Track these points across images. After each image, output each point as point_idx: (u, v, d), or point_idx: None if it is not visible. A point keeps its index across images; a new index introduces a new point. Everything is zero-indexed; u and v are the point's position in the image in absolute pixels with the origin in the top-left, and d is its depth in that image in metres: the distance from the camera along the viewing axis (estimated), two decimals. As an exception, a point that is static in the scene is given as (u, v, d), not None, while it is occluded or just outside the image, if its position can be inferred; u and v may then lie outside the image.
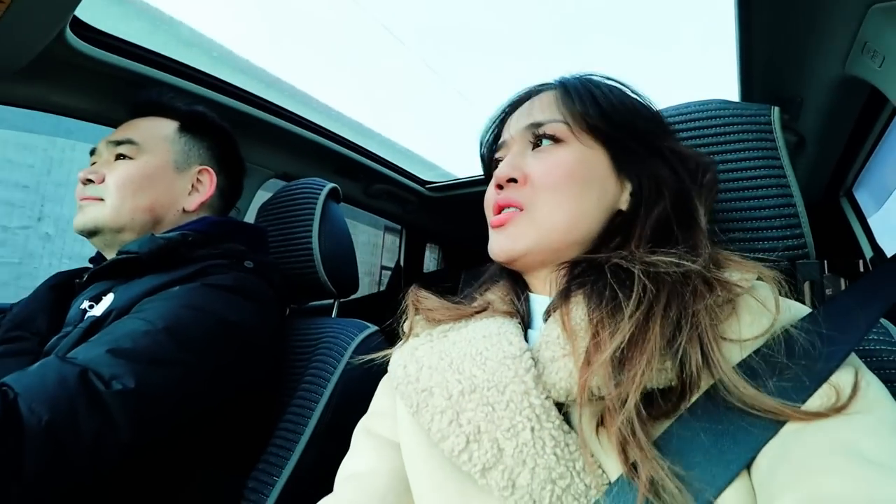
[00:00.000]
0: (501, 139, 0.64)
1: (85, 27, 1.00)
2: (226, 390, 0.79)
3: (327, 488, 0.55)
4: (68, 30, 0.94)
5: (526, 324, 0.55)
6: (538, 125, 0.59)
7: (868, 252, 1.46)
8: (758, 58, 0.98)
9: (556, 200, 0.55)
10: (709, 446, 0.39)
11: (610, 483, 0.40)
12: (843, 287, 1.04)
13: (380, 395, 0.63)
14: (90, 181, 0.91)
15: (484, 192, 0.72)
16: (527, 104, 0.62)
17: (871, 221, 1.46)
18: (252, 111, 1.32)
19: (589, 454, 0.41)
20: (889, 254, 1.38)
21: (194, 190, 0.99)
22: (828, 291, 0.69)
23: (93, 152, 0.98)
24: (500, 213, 0.58)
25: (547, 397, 0.44)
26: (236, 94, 1.29)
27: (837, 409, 0.37)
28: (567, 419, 0.44)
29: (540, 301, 0.57)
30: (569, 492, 0.41)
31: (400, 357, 0.54)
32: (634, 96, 0.60)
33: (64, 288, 0.95)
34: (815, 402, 0.38)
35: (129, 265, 0.84)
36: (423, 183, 2.11)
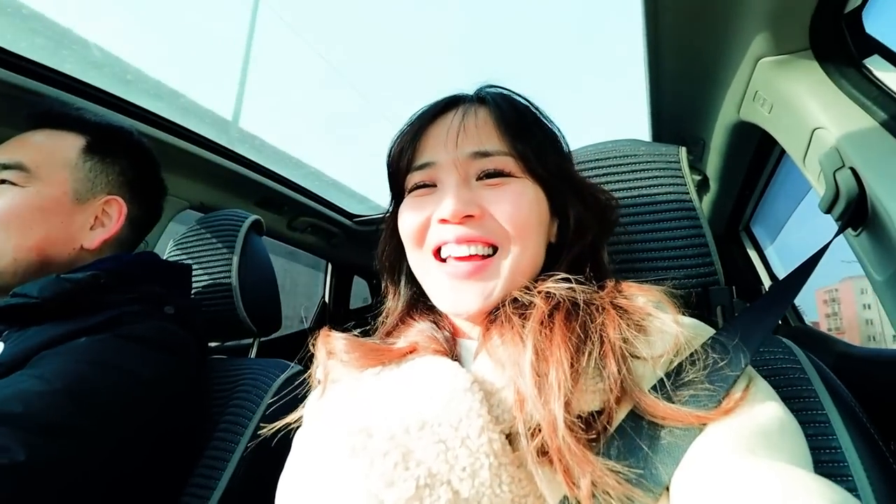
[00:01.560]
0: (428, 158, 0.57)
1: None
2: (136, 458, 0.69)
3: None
4: None
5: (459, 362, 0.52)
6: (486, 154, 0.55)
7: (767, 281, 1.60)
8: (666, 101, 1.07)
9: (525, 244, 0.53)
10: (642, 451, 0.40)
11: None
12: None
13: (306, 439, 0.54)
14: None
15: (386, 232, 0.68)
16: (456, 121, 0.57)
17: (767, 253, 1.61)
18: (166, 137, 1.23)
19: (538, 481, 0.40)
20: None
21: (98, 224, 0.83)
22: (736, 314, 0.74)
23: None
24: (441, 248, 0.54)
25: (500, 430, 0.42)
26: (148, 119, 1.19)
27: (727, 411, 0.40)
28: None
29: (467, 346, 0.56)
30: None
31: (327, 403, 0.50)
32: (545, 121, 0.61)
33: None
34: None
35: (24, 309, 0.71)
36: (350, 216, 2.07)
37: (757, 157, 1.17)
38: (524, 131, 0.57)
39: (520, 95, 0.61)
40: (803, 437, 0.40)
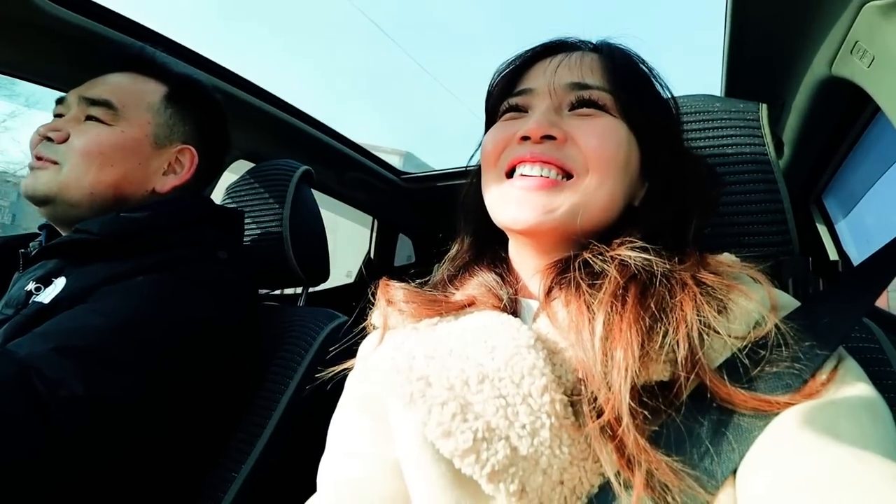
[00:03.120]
0: (527, 85, 0.56)
1: None
2: (189, 396, 0.72)
3: (291, 483, 0.51)
4: None
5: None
6: (584, 87, 0.53)
7: (834, 256, 1.49)
8: (745, 56, 0.98)
9: (603, 176, 0.50)
10: (703, 440, 0.38)
11: (609, 480, 0.38)
12: (820, 286, 1.05)
13: (362, 382, 0.55)
14: (49, 139, 0.78)
15: (461, 185, 0.68)
16: (563, 58, 0.55)
17: (837, 228, 1.50)
18: (222, 84, 1.24)
19: (599, 449, 0.39)
20: (854, 259, 1.42)
21: (170, 170, 0.87)
22: (809, 289, 0.69)
23: (60, 101, 0.83)
24: (516, 168, 0.52)
25: (563, 391, 0.41)
26: (205, 65, 1.20)
27: (811, 394, 0.37)
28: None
29: (527, 304, 0.54)
30: (574, 493, 0.39)
31: (384, 351, 0.49)
32: (662, 89, 0.58)
33: (7, 255, 0.83)
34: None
35: (85, 245, 0.73)
36: (398, 173, 2.06)
37: (843, 119, 1.07)
38: (631, 79, 0.54)
39: (642, 60, 0.57)
40: (895, 427, 0.37)
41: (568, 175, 0.51)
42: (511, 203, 0.51)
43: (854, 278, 0.51)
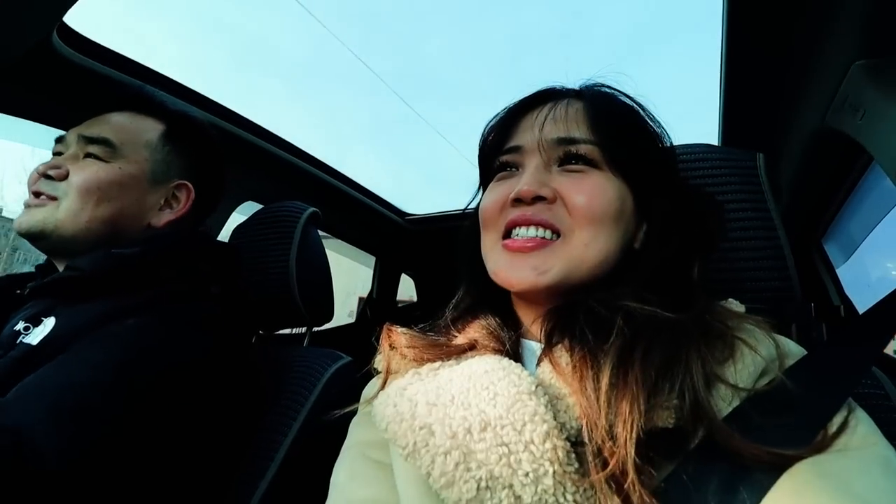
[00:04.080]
0: (516, 142, 0.58)
1: (73, 35, 0.94)
2: (185, 440, 0.71)
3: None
4: (55, 35, 0.89)
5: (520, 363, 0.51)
6: (571, 141, 0.54)
7: (836, 301, 1.49)
8: (740, 107, 1.02)
9: (594, 233, 0.51)
10: (713, 493, 0.37)
11: None
12: (823, 331, 1.05)
13: (365, 428, 0.56)
14: (49, 177, 0.79)
15: (463, 226, 0.69)
16: (548, 111, 0.57)
17: (839, 272, 1.50)
18: (232, 128, 1.28)
19: (603, 499, 0.38)
20: (857, 304, 1.42)
21: (167, 206, 0.88)
22: (813, 335, 0.69)
23: (60, 140, 0.85)
24: (512, 230, 0.53)
25: (566, 438, 0.41)
26: (217, 111, 1.24)
27: (822, 447, 0.37)
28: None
29: (529, 346, 0.55)
30: None
31: (386, 397, 0.49)
32: (650, 122, 0.58)
33: (7, 296, 0.83)
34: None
35: (76, 283, 0.73)
36: (402, 214, 2.09)
37: (839, 167, 1.10)
38: (616, 124, 0.55)
39: (624, 94, 0.59)
40: None
41: (559, 234, 0.52)
42: (505, 265, 0.53)
43: (860, 327, 0.51)
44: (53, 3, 0.78)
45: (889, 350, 1.27)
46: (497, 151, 0.59)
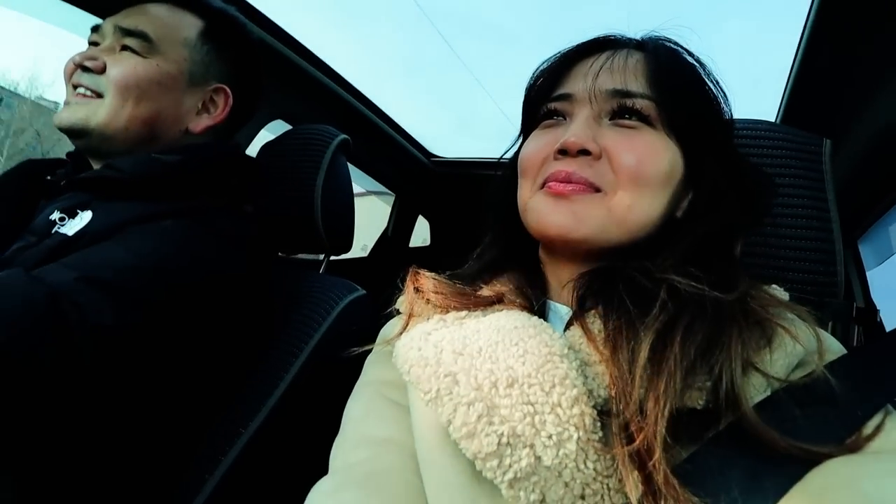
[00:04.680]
0: (567, 89, 0.54)
1: None
2: (205, 343, 0.72)
3: (293, 451, 0.50)
4: None
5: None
6: (626, 94, 0.51)
7: (859, 303, 1.47)
8: (810, 87, 0.95)
9: (638, 194, 0.49)
10: (737, 482, 0.36)
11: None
12: (855, 332, 1.03)
13: (383, 366, 0.55)
14: (87, 69, 0.76)
15: (490, 176, 0.66)
16: (605, 61, 0.53)
17: (869, 275, 1.47)
18: (269, 38, 1.22)
19: (623, 476, 0.37)
20: (882, 310, 1.39)
21: (204, 110, 0.85)
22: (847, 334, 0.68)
23: (95, 29, 0.81)
24: (548, 183, 0.51)
25: (593, 406, 0.40)
26: (254, 17, 1.18)
27: (854, 447, 0.36)
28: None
29: (556, 309, 0.53)
30: None
31: (410, 340, 0.48)
32: (712, 86, 0.54)
33: (34, 180, 0.82)
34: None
35: (114, 183, 0.73)
36: (428, 155, 2.05)
37: (894, 167, 1.05)
38: (677, 81, 0.51)
39: (688, 52, 0.54)
40: None
41: (597, 189, 0.49)
42: (543, 207, 0.50)
43: None
44: None
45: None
46: (545, 98, 0.56)
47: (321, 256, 1.19)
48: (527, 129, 0.60)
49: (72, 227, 0.69)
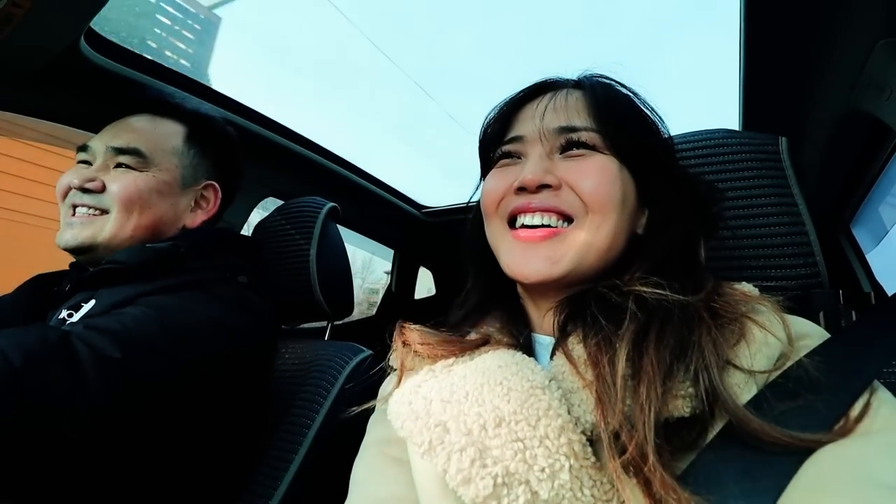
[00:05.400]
0: (517, 132, 0.58)
1: (99, 39, 0.95)
2: (210, 396, 0.73)
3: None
4: (83, 40, 0.90)
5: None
6: (573, 130, 0.54)
7: (867, 288, 1.45)
8: (762, 91, 0.99)
9: (602, 218, 0.51)
10: (735, 480, 0.37)
11: None
12: (853, 319, 1.02)
13: (383, 425, 0.56)
14: (87, 190, 0.81)
15: (468, 219, 0.69)
16: (549, 101, 0.57)
17: (868, 258, 1.46)
18: (251, 126, 1.30)
19: (622, 491, 0.38)
20: (888, 290, 1.38)
21: (197, 207, 0.92)
22: (841, 323, 0.68)
23: (84, 149, 0.86)
24: (516, 217, 0.54)
25: (581, 432, 0.41)
26: (237, 109, 1.26)
27: (845, 431, 0.36)
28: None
29: (540, 341, 0.55)
30: None
31: (401, 395, 0.50)
32: (648, 112, 0.58)
33: (43, 294, 0.87)
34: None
35: (114, 273, 0.77)
36: (418, 207, 2.09)
37: (865, 149, 1.07)
38: (615, 111, 0.55)
39: (622, 84, 0.59)
40: None
41: (569, 220, 0.52)
42: (517, 256, 0.53)
43: (888, 309, 0.50)
44: (82, 9, 0.80)
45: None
46: (498, 142, 0.60)
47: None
48: (485, 173, 0.64)
49: (77, 317, 0.73)
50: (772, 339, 0.43)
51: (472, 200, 0.68)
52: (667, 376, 0.39)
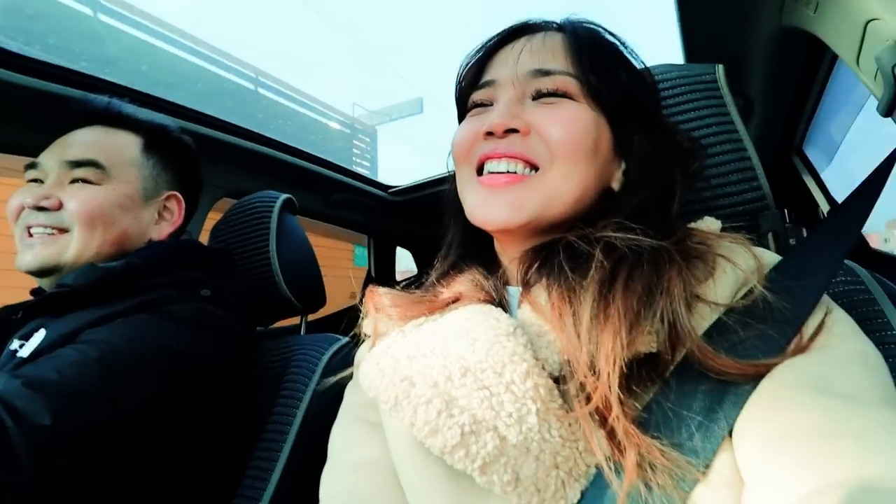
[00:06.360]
0: (490, 76, 0.55)
1: None
2: (167, 425, 0.71)
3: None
4: None
5: (505, 310, 0.50)
6: (546, 73, 0.51)
7: (825, 206, 1.49)
8: (698, 20, 0.99)
9: (570, 165, 0.49)
10: (693, 415, 0.37)
11: (603, 462, 0.38)
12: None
13: (356, 391, 0.56)
14: (42, 208, 0.77)
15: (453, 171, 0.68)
16: (525, 43, 0.54)
17: (823, 176, 1.49)
18: (196, 128, 1.25)
19: (589, 432, 0.39)
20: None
21: (161, 219, 0.89)
22: (791, 242, 0.69)
23: (32, 166, 0.82)
24: (484, 164, 0.52)
25: (549, 374, 0.41)
26: (175, 111, 1.21)
27: (800, 349, 0.37)
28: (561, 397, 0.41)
29: (512, 292, 0.54)
30: (571, 475, 0.39)
31: (370, 357, 0.49)
32: (633, 60, 0.56)
33: (5, 324, 0.82)
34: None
35: (64, 299, 0.74)
36: (385, 188, 2.07)
37: (805, 69, 1.08)
38: (597, 58, 0.52)
39: (608, 31, 0.56)
40: (888, 372, 0.37)
41: (535, 167, 0.50)
42: (480, 202, 0.51)
43: (832, 223, 0.51)
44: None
45: (877, 245, 1.27)
46: (472, 88, 0.57)
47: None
48: (462, 113, 0.61)
49: (28, 348, 0.70)
50: (738, 272, 0.43)
51: (441, 175, 0.67)
52: (633, 324, 0.39)
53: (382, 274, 2.37)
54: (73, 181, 0.80)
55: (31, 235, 0.78)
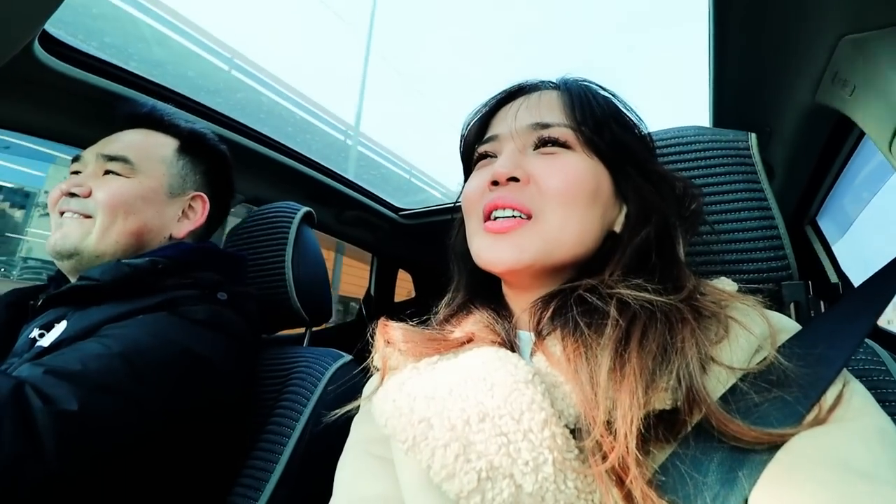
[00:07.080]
0: (493, 132, 0.60)
1: (54, 42, 0.93)
2: (187, 433, 0.72)
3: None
4: (37, 44, 0.88)
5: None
6: (545, 126, 0.55)
7: (833, 279, 1.49)
8: (730, 86, 1.01)
9: (568, 212, 0.52)
10: (710, 480, 0.37)
11: None
12: (822, 310, 1.05)
13: (367, 424, 0.56)
14: (74, 195, 0.82)
15: (454, 220, 0.69)
16: (524, 100, 0.59)
17: (835, 249, 1.50)
18: (224, 132, 1.27)
19: (605, 490, 0.38)
20: (854, 281, 1.42)
21: (184, 217, 0.93)
22: (811, 313, 0.69)
23: (76, 159, 0.89)
24: (492, 213, 0.54)
25: (565, 425, 0.41)
26: (208, 115, 1.23)
27: (819, 421, 0.37)
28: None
29: (523, 337, 0.55)
30: None
31: (385, 393, 0.49)
32: (626, 112, 0.59)
33: (20, 307, 0.85)
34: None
35: (87, 292, 0.76)
36: (396, 210, 2.08)
37: (829, 144, 1.10)
38: (590, 110, 0.56)
39: (602, 87, 0.60)
40: None
41: (528, 215, 0.52)
42: (487, 246, 0.54)
43: (853, 299, 0.51)
44: (35, 9, 0.77)
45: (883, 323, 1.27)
46: (476, 142, 0.62)
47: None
48: (467, 174, 0.65)
49: (49, 338, 0.71)
50: (752, 337, 0.43)
51: (458, 202, 0.68)
52: (649, 383, 0.39)
53: (382, 294, 2.37)
54: (106, 173, 0.85)
55: (63, 219, 0.83)
